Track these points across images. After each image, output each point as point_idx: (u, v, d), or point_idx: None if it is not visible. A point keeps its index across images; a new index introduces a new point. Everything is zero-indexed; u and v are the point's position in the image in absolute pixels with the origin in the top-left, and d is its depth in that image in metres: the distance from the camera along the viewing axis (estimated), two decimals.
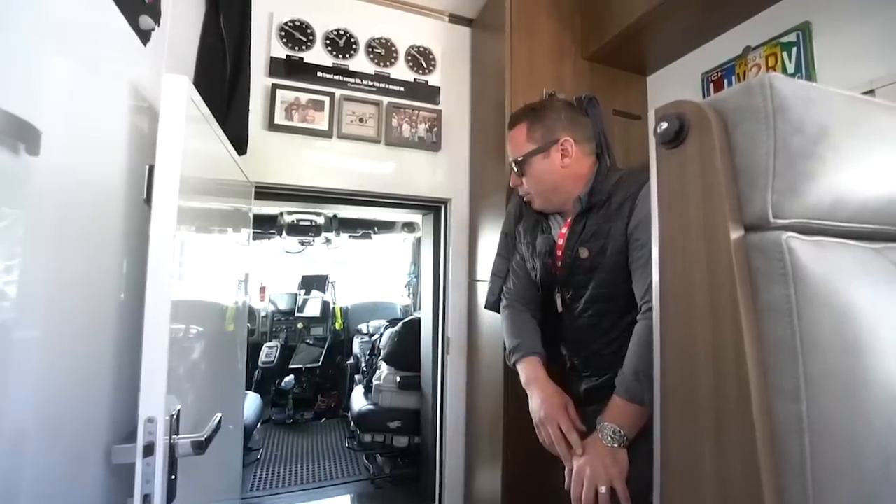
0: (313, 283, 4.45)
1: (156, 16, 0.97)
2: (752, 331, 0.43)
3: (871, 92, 1.08)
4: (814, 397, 0.39)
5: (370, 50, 1.88)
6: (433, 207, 2.08)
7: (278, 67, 1.74)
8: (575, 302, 1.10)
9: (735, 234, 0.45)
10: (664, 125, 0.51)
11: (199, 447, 0.86)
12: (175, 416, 0.84)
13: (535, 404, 1.05)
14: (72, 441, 0.74)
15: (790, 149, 0.43)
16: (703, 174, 0.48)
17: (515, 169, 1.14)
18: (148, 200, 0.82)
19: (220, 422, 1.00)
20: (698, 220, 0.48)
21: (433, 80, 1.97)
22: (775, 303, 0.42)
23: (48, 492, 0.68)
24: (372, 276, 5.09)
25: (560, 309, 1.14)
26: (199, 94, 1.01)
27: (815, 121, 0.43)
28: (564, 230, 1.12)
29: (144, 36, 0.93)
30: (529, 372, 1.11)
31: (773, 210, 0.43)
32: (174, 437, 0.83)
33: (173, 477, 0.82)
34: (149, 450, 0.76)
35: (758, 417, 0.41)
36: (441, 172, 1.97)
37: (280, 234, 3.77)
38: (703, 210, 0.48)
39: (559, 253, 1.12)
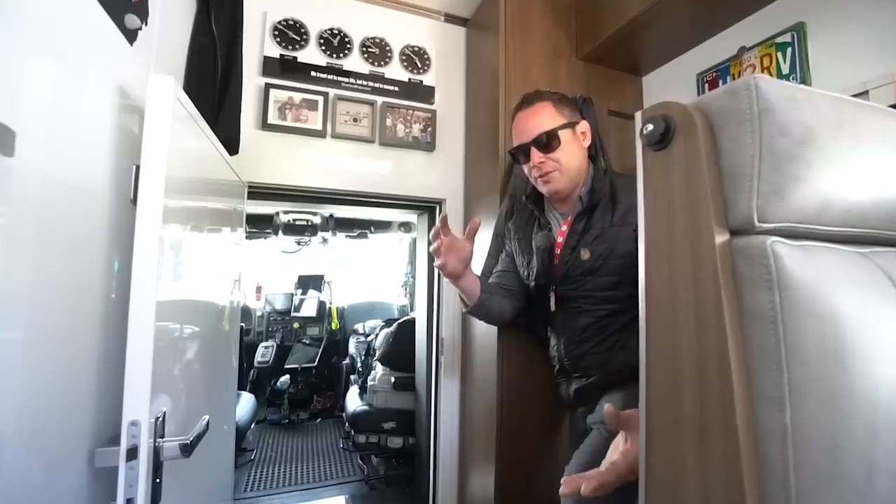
0: (310, 282, 4.44)
1: (143, 14, 0.96)
2: (736, 338, 0.42)
3: (865, 93, 1.07)
4: (798, 406, 0.38)
5: (364, 49, 1.87)
6: (428, 208, 2.07)
7: (272, 67, 1.72)
8: (572, 301, 1.10)
9: (720, 238, 0.44)
10: (650, 127, 0.50)
11: (186, 450, 0.85)
12: (160, 419, 0.83)
13: None
14: (54, 444, 0.73)
15: (775, 151, 0.42)
16: (689, 177, 0.47)
17: (542, 143, 1.08)
18: (135, 200, 0.81)
19: (207, 423, 0.99)
20: (684, 223, 0.48)
21: (428, 79, 1.96)
22: (760, 309, 0.41)
23: (27, 495, 0.67)
24: (369, 276, 5.08)
25: (553, 308, 1.13)
26: (190, 94, 1.00)
27: (800, 122, 0.42)
28: (565, 228, 1.12)
29: (131, 35, 0.91)
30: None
31: (759, 214, 0.42)
32: (159, 440, 0.82)
33: (158, 480, 0.81)
34: (132, 453, 0.76)
35: (741, 425, 0.41)
36: (435, 173, 1.96)
37: (276, 234, 3.75)
38: (689, 213, 0.47)
39: (558, 251, 1.12)
